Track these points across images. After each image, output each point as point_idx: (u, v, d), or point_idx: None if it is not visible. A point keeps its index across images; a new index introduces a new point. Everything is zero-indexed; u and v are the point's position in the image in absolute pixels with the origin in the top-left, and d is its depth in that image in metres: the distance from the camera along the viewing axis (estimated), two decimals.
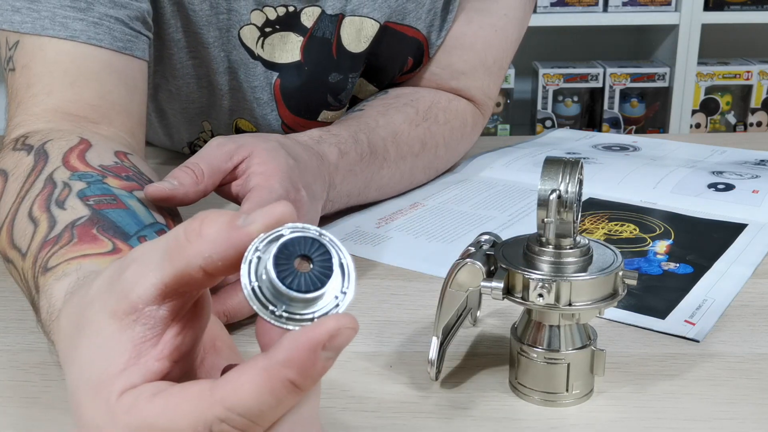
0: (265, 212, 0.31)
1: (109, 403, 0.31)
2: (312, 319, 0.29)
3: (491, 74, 0.86)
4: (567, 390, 0.44)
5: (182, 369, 0.34)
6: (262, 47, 0.77)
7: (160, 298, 0.32)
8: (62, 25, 0.64)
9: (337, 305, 0.29)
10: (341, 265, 0.30)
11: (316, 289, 0.29)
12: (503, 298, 0.42)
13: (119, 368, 0.32)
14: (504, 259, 0.43)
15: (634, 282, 0.43)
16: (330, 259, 0.29)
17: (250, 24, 0.76)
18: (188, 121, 0.86)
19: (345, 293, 0.29)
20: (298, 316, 0.29)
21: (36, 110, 0.64)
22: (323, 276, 0.29)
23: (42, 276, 0.45)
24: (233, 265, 0.30)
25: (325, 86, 0.80)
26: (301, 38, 0.77)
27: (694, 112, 2.26)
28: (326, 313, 0.29)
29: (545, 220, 0.42)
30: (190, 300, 0.33)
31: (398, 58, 0.83)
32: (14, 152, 0.59)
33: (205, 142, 0.73)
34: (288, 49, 0.77)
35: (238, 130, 0.84)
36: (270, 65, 0.78)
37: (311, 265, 0.29)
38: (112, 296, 0.33)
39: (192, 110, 0.84)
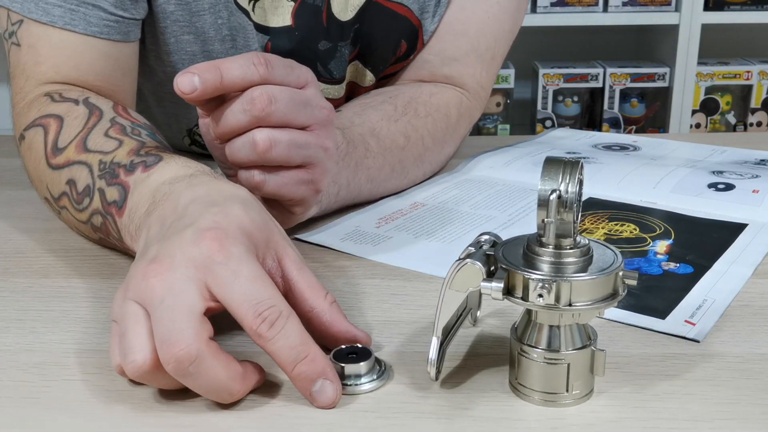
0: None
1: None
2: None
3: (483, 62, 0.86)
4: (567, 390, 0.44)
5: None
6: (253, 11, 0.78)
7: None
8: (44, 11, 0.70)
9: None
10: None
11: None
12: (503, 298, 0.42)
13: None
14: (504, 259, 0.43)
15: (634, 282, 0.43)
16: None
17: None
18: (185, 103, 0.86)
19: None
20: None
21: (49, 80, 0.72)
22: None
23: (157, 162, 0.56)
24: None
25: (315, 53, 0.81)
26: (292, 3, 0.78)
27: (694, 112, 2.27)
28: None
29: (545, 220, 0.42)
30: None
31: (391, 38, 0.83)
32: (57, 103, 0.68)
33: (196, 134, 0.79)
34: (279, 13, 0.78)
35: None
36: (262, 29, 0.79)
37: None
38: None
39: None
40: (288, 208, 0.61)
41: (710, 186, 0.77)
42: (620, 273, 0.43)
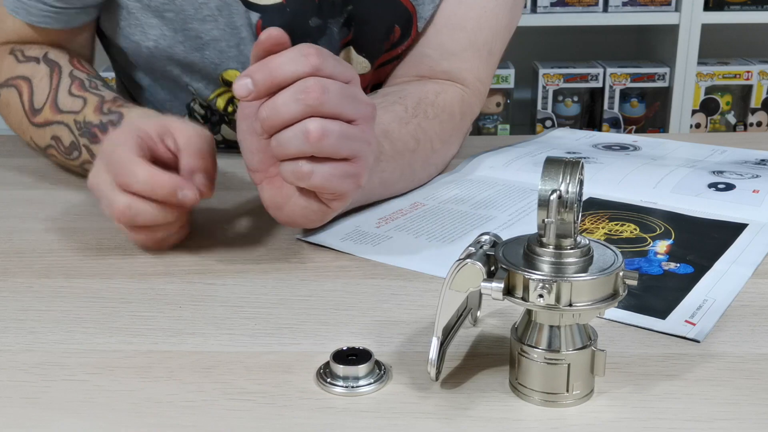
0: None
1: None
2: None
3: (481, 57, 0.87)
4: (567, 390, 0.43)
5: None
6: None
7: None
8: None
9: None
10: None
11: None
12: (503, 298, 0.42)
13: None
14: (504, 259, 0.43)
15: (634, 282, 0.43)
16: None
17: None
18: (173, 83, 0.89)
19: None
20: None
21: (7, 40, 0.84)
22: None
23: (115, 116, 0.72)
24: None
25: (306, 30, 0.82)
26: None
27: (694, 112, 2.27)
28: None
29: (546, 220, 0.42)
30: None
31: (384, 22, 0.84)
32: (23, 64, 0.80)
33: (201, 105, 0.91)
34: None
35: (227, 83, 0.86)
36: (252, 6, 0.80)
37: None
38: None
39: (172, 73, 0.87)
40: (326, 202, 0.61)
41: (710, 186, 0.77)
42: (621, 273, 0.42)
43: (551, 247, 0.42)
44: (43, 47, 0.82)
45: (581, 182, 0.42)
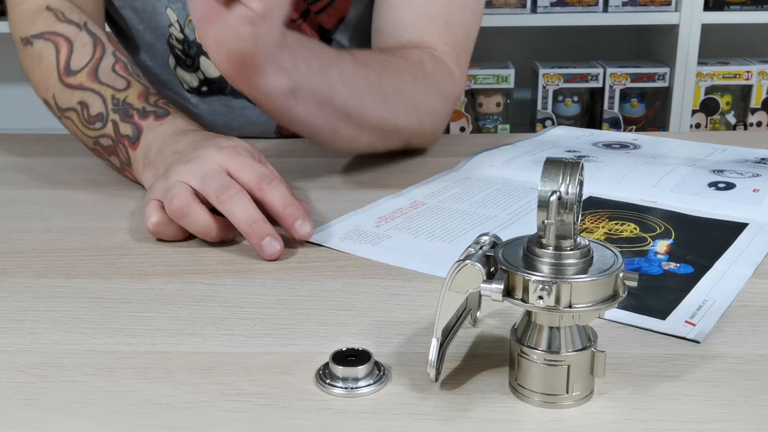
0: None
1: None
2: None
3: (438, 26, 0.89)
4: (567, 392, 0.43)
5: None
6: None
7: None
8: None
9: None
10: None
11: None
12: (503, 299, 0.42)
13: None
14: (504, 260, 0.43)
15: (634, 283, 0.43)
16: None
17: None
18: (153, 11, 0.92)
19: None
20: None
21: None
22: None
23: (161, 111, 0.76)
24: None
25: None
26: None
27: (694, 112, 2.26)
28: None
29: (545, 221, 0.41)
30: None
31: None
32: (63, 23, 0.82)
33: (177, 39, 0.94)
34: None
35: None
36: None
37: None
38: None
39: None
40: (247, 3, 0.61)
41: (710, 185, 0.77)
42: (620, 274, 0.42)
43: (551, 248, 0.42)
44: (81, 14, 0.84)
45: (581, 183, 0.42)
